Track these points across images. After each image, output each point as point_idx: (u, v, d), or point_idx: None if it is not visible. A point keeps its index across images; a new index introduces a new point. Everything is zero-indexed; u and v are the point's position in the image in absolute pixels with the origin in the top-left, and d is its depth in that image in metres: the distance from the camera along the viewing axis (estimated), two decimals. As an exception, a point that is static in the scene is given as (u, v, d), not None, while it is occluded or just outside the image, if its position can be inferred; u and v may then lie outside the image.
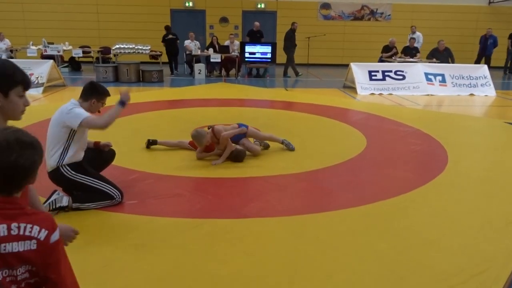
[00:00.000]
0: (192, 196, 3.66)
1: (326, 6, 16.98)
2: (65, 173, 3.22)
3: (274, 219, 3.22)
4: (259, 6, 16.73)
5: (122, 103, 3.23)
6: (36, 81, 9.42)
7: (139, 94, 9.22)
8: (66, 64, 13.69)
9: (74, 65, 13.68)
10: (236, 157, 4.53)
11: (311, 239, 2.93)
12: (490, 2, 17.13)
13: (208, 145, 4.56)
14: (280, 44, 14.38)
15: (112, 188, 3.33)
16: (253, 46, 12.68)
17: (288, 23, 16.63)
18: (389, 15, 17.16)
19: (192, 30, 14.28)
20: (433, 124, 6.65)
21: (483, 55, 14.69)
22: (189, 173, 4.21)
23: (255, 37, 13.32)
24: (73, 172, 3.24)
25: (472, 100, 9.63)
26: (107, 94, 3.44)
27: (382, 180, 4.18)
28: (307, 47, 16.87)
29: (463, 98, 9.84)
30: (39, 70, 9.58)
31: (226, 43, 13.10)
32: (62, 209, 3.17)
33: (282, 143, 5.02)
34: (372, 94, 9.98)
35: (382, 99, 9.44)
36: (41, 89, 9.23)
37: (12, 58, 12.21)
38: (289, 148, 4.98)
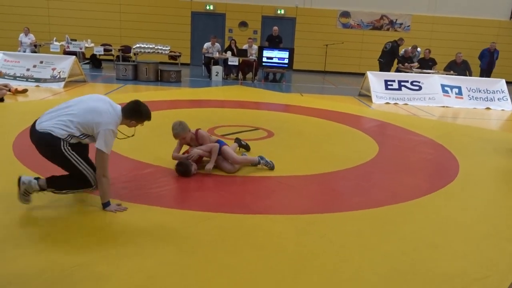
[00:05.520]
0: (205, 191, 3.77)
1: (345, 14, 17.04)
2: (62, 144, 3.04)
3: (283, 217, 3.30)
4: (278, 12, 16.88)
5: (106, 205, 3.19)
6: (58, 76, 9.68)
7: (157, 93, 9.40)
8: (87, 61, 13.98)
9: (95, 62, 13.97)
10: (180, 166, 4.11)
11: (319, 237, 3.01)
12: (511, 17, 16.99)
13: (185, 143, 4.35)
14: (298, 50, 14.49)
15: (94, 175, 3.18)
16: (270, 51, 12.80)
17: (307, 29, 16.86)
18: (408, 26, 17.14)
19: (211, 33, 14.50)
20: (446, 134, 6.67)
21: (491, 70, 13.81)
22: (202, 169, 4.31)
23: (274, 42, 13.45)
24: (68, 147, 3.07)
25: (488, 114, 9.59)
26: (148, 118, 3.35)
27: (391, 185, 4.24)
28: (324, 54, 16.97)
29: (479, 111, 9.80)
30: (61, 65, 9.84)
31: (244, 47, 13.25)
32: (40, 190, 3.10)
33: (259, 163, 4.40)
34: (387, 103, 10.00)
35: (397, 108, 9.47)
36: (62, 83, 9.48)
37: (35, 52, 12.55)
38: (269, 166, 4.40)
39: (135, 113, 3.26)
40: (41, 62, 9.99)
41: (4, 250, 2.58)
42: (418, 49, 13.41)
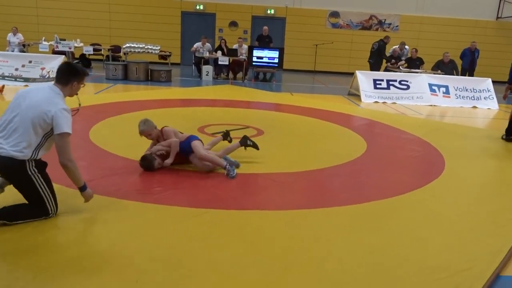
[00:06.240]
0: (195, 188, 3.81)
1: (335, 14, 17.17)
2: (27, 166, 2.82)
3: (272, 212, 3.36)
4: (268, 12, 16.96)
5: (84, 188, 3.05)
6: (47, 75, 9.65)
7: (147, 92, 9.42)
8: (76, 61, 13.91)
9: (84, 62, 13.91)
10: (142, 161, 4.18)
11: (307, 232, 3.07)
12: (498, 17, 17.26)
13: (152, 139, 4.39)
14: (288, 50, 14.55)
15: (53, 202, 2.97)
16: (261, 51, 12.86)
17: (297, 29, 16.96)
18: (397, 26, 17.33)
19: (202, 33, 14.53)
20: (433, 132, 6.78)
21: (472, 69, 13.86)
22: (193, 167, 4.35)
23: (264, 42, 13.52)
24: (35, 169, 2.86)
25: (474, 112, 9.75)
26: (86, 73, 3.13)
27: (379, 182, 4.32)
28: (314, 54, 17.09)
29: (466, 110, 9.97)
30: (50, 65, 9.81)
31: (235, 46, 13.30)
32: None
33: (225, 168, 4.17)
34: (376, 102, 10.12)
35: (386, 107, 9.59)
36: (51, 83, 9.42)
37: (24, 52, 12.46)
38: (229, 175, 4.11)
39: (71, 72, 3.00)
40: (30, 62, 9.94)
41: (-5, 246, 2.61)
42: (406, 46, 13.57)
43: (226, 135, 4.90)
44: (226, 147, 4.67)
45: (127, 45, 13.00)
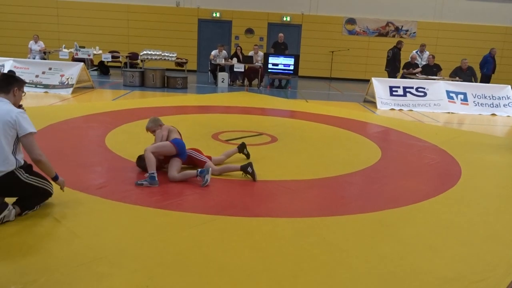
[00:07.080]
0: (206, 194, 3.83)
1: (351, 21, 17.11)
2: (20, 176, 3.07)
3: (283, 220, 3.35)
4: (284, 19, 16.99)
5: (56, 178, 3.30)
6: (67, 82, 9.83)
7: (163, 99, 9.51)
8: (95, 68, 14.17)
9: (103, 68, 14.15)
10: (138, 160, 4.37)
11: (318, 240, 3.05)
12: (518, 23, 16.96)
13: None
14: (304, 56, 14.53)
15: (49, 183, 3.29)
16: (276, 58, 12.90)
17: (313, 36, 16.96)
18: (414, 32, 17.17)
19: (218, 40, 14.63)
20: (450, 140, 6.68)
21: (490, 75, 13.53)
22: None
23: (280, 49, 13.54)
24: (27, 175, 3.12)
25: (493, 120, 9.58)
26: (24, 80, 3.32)
27: (393, 190, 4.27)
28: (330, 60, 17.04)
29: (484, 117, 9.79)
30: (69, 72, 10.00)
31: (250, 53, 13.36)
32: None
33: (197, 176, 4.05)
34: (392, 109, 10.02)
35: (402, 114, 9.48)
36: (70, 89, 9.63)
37: (45, 59, 12.74)
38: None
39: (9, 80, 3.18)
40: (50, 69, 10.15)
41: (8, 249, 2.66)
42: (426, 51, 13.34)
43: (241, 148, 4.90)
44: (227, 153, 4.80)
45: (144, 52, 13.19)
